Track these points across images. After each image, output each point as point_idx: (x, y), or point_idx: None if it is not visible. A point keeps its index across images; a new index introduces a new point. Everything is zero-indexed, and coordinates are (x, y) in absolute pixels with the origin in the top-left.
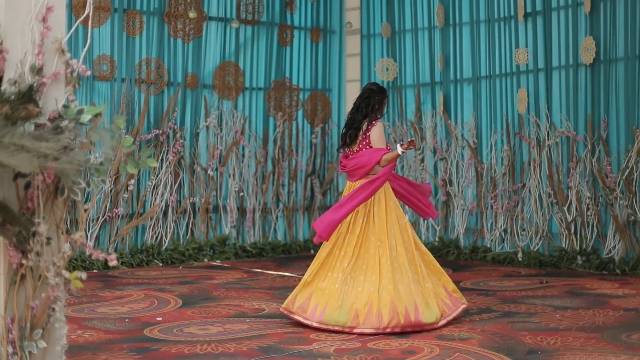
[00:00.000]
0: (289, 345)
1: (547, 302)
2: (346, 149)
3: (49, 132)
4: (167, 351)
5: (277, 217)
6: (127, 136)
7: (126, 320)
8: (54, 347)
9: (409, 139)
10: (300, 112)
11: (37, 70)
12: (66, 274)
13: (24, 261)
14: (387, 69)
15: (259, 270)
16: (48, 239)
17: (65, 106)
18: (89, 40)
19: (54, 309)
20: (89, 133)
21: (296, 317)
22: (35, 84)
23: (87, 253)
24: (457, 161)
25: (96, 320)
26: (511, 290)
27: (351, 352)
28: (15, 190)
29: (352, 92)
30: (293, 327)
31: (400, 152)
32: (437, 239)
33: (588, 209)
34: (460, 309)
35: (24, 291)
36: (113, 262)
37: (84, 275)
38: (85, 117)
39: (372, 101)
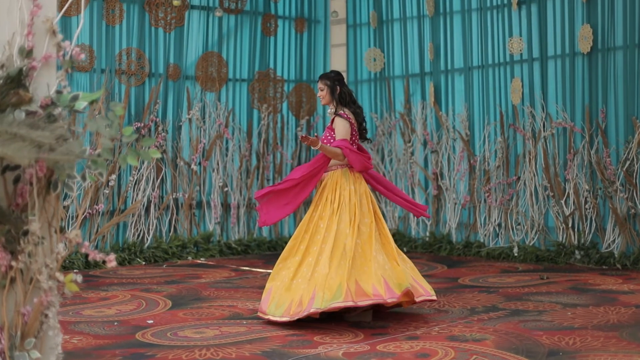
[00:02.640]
0: (294, 349)
1: (554, 299)
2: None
3: (42, 120)
4: (164, 357)
5: None
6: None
7: (115, 323)
8: (48, 357)
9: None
10: (285, 104)
11: (27, 53)
12: (60, 276)
13: (13, 263)
14: (375, 60)
15: (247, 268)
16: (41, 238)
17: (59, 92)
18: (82, 21)
19: (47, 315)
20: (85, 121)
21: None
22: (24, 68)
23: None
24: (449, 154)
25: (83, 324)
26: (513, 287)
27: (361, 356)
28: (3, 185)
29: None
30: (294, 329)
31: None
32: (428, 234)
33: (586, 202)
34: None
35: (14, 296)
36: (112, 263)
37: (79, 277)
38: (81, 104)
39: None
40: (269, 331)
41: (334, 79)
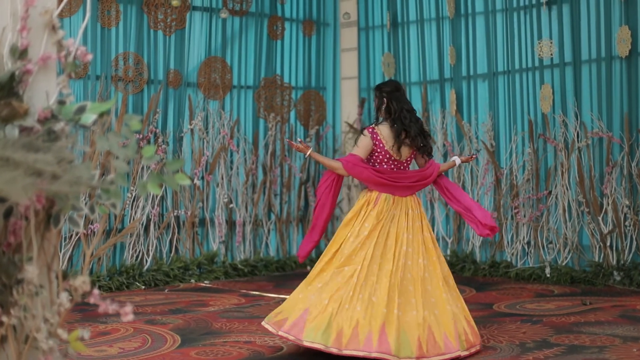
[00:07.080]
0: None
1: (608, 331)
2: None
3: (41, 138)
4: None
5: (268, 231)
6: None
7: None
8: None
9: (472, 154)
10: (292, 113)
11: (20, 53)
12: (63, 334)
13: (4, 318)
14: (389, 65)
15: (256, 292)
16: (39, 287)
17: (61, 102)
18: (88, 14)
19: None
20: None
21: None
22: (17, 72)
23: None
24: (472, 166)
25: None
26: (557, 315)
27: None
28: None
29: (348, 91)
30: None
31: (458, 163)
32: (449, 252)
33: (626, 218)
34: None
35: (6, 359)
36: (129, 317)
37: (86, 333)
38: (88, 118)
39: None
40: None
41: (382, 90)
